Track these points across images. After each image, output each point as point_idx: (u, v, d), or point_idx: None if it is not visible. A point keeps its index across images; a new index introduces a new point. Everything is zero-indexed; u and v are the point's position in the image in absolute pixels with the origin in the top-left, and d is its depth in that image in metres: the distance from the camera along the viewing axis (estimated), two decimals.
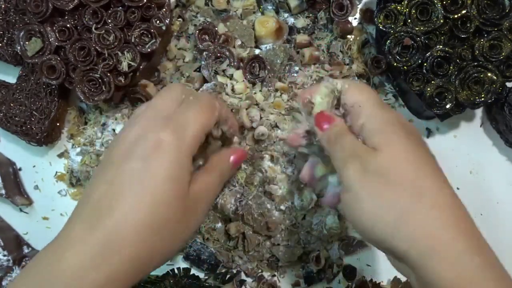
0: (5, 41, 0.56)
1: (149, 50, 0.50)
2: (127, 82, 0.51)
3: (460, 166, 0.57)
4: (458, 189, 0.57)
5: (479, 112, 0.59)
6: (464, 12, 0.50)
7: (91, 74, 0.50)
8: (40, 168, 0.59)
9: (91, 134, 0.56)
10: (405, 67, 0.51)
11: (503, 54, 0.50)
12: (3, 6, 0.55)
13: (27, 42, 0.50)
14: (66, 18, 0.50)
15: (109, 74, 0.50)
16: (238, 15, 0.56)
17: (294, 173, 0.50)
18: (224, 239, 0.53)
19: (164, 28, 0.51)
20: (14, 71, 0.57)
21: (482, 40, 0.51)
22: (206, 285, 0.52)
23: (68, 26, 0.50)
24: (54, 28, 0.50)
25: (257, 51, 0.54)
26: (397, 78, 0.55)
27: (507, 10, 0.50)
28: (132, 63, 0.50)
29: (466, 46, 0.51)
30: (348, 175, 0.35)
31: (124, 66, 0.50)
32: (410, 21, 0.50)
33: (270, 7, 0.56)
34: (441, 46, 0.50)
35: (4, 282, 0.55)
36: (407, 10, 0.50)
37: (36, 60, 0.50)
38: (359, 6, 0.58)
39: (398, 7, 0.51)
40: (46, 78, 0.51)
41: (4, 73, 0.59)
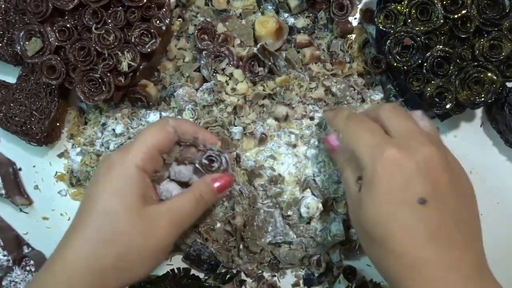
0: (5, 41, 0.56)
1: (149, 50, 0.50)
2: (127, 82, 0.51)
3: None
4: None
5: (479, 112, 0.59)
6: (464, 12, 0.50)
7: (91, 74, 0.50)
8: (40, 168, 0.59)
9: (91, 134, 0.56)
10: (405, 67, 0.51)
11: (503, 54, 0.50)
12: (3, 6, 0.55)
13: (27, 42, 0.50)
14: (66, 18, 0.50)
15: (109, 74, 0.50)
16: (238, 15, 0.56)
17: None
18: (223, 239, 0.53)
19: (164, 28, 0.51)
20: (14, 71, 0.57)
21: (482, 40, 0.51)
22: (206, 285, 0.52)
23: (68, 26, 0.50)
24: (54, 28, 0.50)
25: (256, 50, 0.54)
26: (397, 78, 0.55)
27: (507, 10, 0.50)
28: (132, 63, 0.50)
29: (466, 46, 0.51)
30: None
31: (124, 66, 0.50)
32: (410, 21, 0.50)
33: (270, 7, 0.56)
34: (441, 46, 0.50)
35: (4, 282, 0.55)
36: (407, 10, 0.50)
37: (36, 60, 0.50)
38: (359, 6, 0.58)
39: (398, 7, 0.51)
40: (46, 78, 0.51)
41: (4, 73, 0.59)
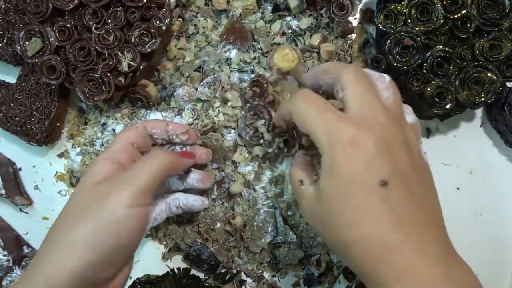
0: (5, 41, 0.56)
1: (149, 50, 0.50)
2: (127, 82, 0.51)
3: (460, 166, 0.57)
4: (458, 189, 0.57)
5: (479, 112, 0.59)
6: (464, 12, 0.50)
7: (91, 74, 0.50)
8: (40, 168, 0.59)
9: (91, 134, 0.56)
10: (405, 67, 0.51)
11: (503, 54, 0.50)
12: (3, 6, 0.55)
13: (27, 42, 0.50)
14: (66, 18, 0.50)
15: (109, 74, 0.50)
16: (238, 15, 0.56)
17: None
18: (223, 239, 0.53)
19: (164, 28, 0.51)
20: (14, 71, 0.57)
21: (482, 40, 0.51)
22: (206, 285, 0.52)
23: (68, 26, 0.50)
24: (54, 28, 0.50)
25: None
26: (397, 78, 0.55)
27: (507, 10, 0.50)
28: (132, 63, 0.50)
29: (466, 46, 0.51)
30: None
31: (124, 66, 0.50)
32: (410, 21, 0.50)
33: (269, 7, 0.56)
34: (441, 46, 0.50)
35: (4, 282, 0.55)
36: (407, 10, 0.50)
37: (36, 60, 0.50)
38: (359, 6, 0.58)
39: (398, 7, 0.51)
40: (46, 78, 0.51)
41: (4, 73, 0.59)
